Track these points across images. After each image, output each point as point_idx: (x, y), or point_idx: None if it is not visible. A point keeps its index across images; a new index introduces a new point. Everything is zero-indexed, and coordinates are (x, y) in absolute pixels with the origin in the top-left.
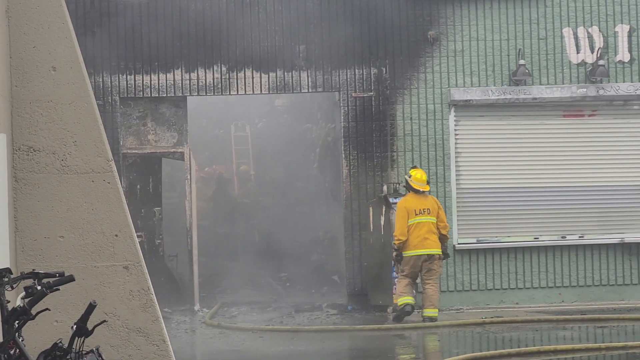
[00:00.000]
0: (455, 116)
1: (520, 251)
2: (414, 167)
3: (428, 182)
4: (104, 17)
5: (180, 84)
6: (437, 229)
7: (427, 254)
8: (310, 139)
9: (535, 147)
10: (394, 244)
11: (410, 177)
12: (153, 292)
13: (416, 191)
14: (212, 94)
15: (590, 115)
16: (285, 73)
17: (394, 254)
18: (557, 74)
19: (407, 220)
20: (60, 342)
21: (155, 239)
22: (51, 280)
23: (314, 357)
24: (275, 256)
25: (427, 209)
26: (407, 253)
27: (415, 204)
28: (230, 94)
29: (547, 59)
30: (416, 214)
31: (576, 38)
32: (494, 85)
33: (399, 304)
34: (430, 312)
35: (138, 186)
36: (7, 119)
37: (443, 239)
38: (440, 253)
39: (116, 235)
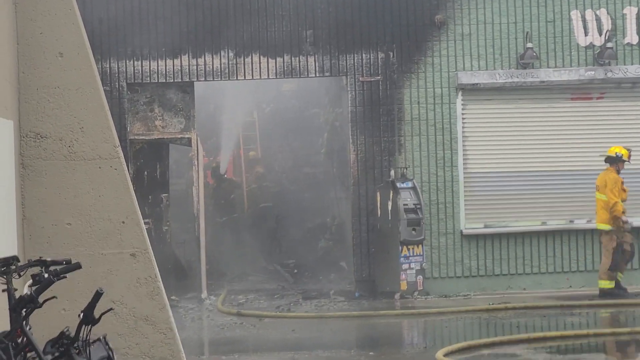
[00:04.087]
0: (462, 100)
1: (527, 236)
2: (619, 146)
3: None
4: (111, 3)
5: (187, 70)
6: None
7: (598, 229)
8: (318, 124)
9: (543, 130)
10: None
11: (622, 155)
12: (160, 280)
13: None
14: (220, 79)
15: (598, 98)
16: (293, 58)
17: None
18: (565, 56)
19: None
20: (67, 330)
21: (162, 225)
22: (58, 267)
23: (321, 343)
24: (283, 242)
25: (597, 185)
26: None
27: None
28: (237, 79)
29: (554, 42)
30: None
31: (584, 20)
32: (502, 69)
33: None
34: (601, 283)
35: (145, 172)
36: (14, 105)
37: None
38: (604, 228)
39: (123, 222)
